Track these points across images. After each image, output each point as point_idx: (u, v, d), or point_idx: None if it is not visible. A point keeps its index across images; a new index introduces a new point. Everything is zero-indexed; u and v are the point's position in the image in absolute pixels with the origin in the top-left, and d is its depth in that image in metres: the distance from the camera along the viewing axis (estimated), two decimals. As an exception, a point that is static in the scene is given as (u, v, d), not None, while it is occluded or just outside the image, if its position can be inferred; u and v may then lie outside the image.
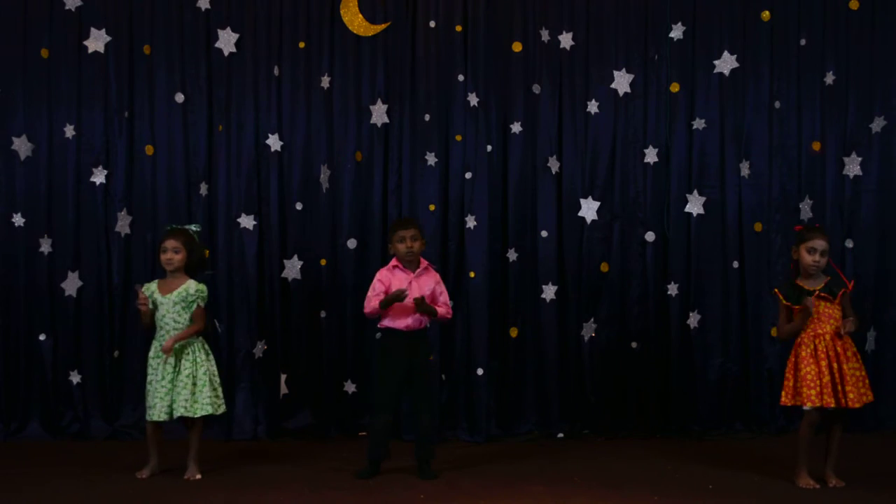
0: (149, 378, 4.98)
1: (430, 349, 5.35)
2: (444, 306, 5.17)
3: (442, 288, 5.20)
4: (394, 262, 5.14)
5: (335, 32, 6.16)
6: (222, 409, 5.07)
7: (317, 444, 5.92)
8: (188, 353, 4.95)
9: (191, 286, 4.99)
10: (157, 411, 4.89)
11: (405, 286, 5.00)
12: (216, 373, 5.05)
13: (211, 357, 5.05)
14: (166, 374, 4.90)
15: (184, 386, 4.91)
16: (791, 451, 5.01)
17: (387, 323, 5.08)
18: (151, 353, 4.98)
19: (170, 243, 5.00)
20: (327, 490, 4.79)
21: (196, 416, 4.92)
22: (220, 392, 5.04)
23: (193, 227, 5.16)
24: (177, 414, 4.90)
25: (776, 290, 5.03)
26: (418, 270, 5.11)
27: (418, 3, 6.18)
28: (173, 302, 4.96)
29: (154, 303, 5.00)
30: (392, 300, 4.96)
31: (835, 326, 4.80)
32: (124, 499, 4.65)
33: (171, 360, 4.90)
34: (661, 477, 5.06)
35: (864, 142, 6.33)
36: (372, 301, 5.06)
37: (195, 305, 4.99)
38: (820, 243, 4.84)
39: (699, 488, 4.83)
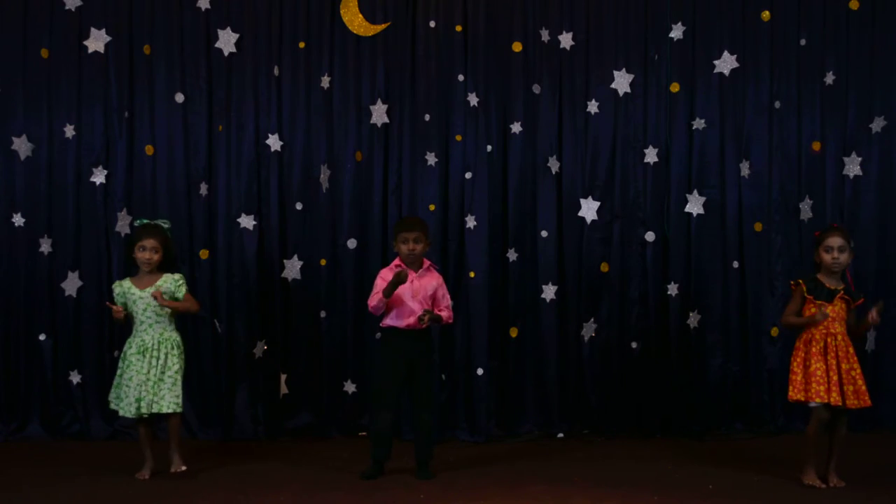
0: (126, 374, 4.99)
1: (432, 348, 5.35)
2: (446, 310, 5.16)
3: (444, 291, 5.19)
4: (397, 260, 5.14)
5: (335, 32, 6.16)
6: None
7: (317, 444, 5.92)
8: (172, 349, 5.02)
9: (167, 279, 5.09)
10: (126, 407, 4.94)
11: (406, 283, 5.00)
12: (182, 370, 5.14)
13: (183, 356, 5.12)
14: (141, 369, 4.95)
15: (172, 382, 4.98)
16: (791, 450, 5.03)
17: (388, 321, 5.08)
18: (133, 350, 5.00)
19: (149, 242, 5.06)
20: (327, 490, 4.79)
21: (176, 412, 4.99)
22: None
23: (164, 223, 5.21)
24: (165, 410, 4.94)
25: (800, 280, 4.97)
26: (420, 271, 5.11)
27: (418, 3, 6.18)
28: (152, 295, 5.01)
29: (127, 300, 5.04)
30: (395, 285, 4.92)
31: (844, 327, 4.86)
32: (124, 499, 4.65)
33: (152, 357, 4.96)
34: (661, 477, 5.06)
35: (864, 142, 6.33)
36: (372, 298, 5.04)
37: (182, 292, 5.08)
38: (835, 241, 4.88)
39: (699, 488, 4.83)
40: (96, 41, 6.02)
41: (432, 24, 6.16)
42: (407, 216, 5.84)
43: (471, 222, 6.11)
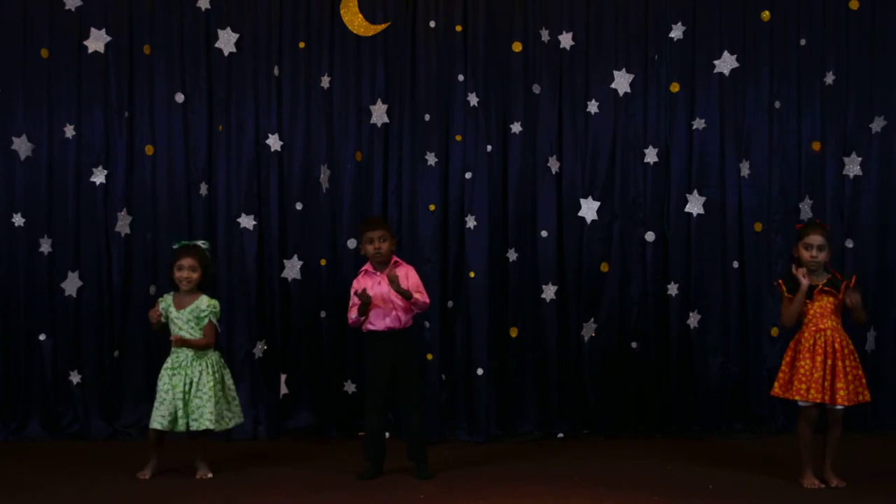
0: (162, 388, 4.99)
1: (418, 348, 5.33)
2: (420, 294, 5.08)
3: (414, 276, 5.12)
4: (367, 266, 5.14)
5: (335, 32, 6.16)
6: (227, 424, 5.09)
7: (317, 444, 5.93)
8: (207, 368, 4.99)
9: (202, 301, 5.07)
10: (158, 419, 4.93)
11: (376, 285, 5.00)
12: (231, 386, 5.14)
13: (225, 371, 5.12)
14: (176, 386, 4.94)
15: (207, 399, 4.94)
16: (791, 451, 5.02)
17: (369, 325, 5.08)
18: (168, 365, 5.01)
19: (187, 262, 5.05)
20: (327, 490, 4.79)
21: (200, 429, 4.96)
22: (231, 406, 5.10)
23: (203, 244, 5.20)
24: (202, 427, 4.94)
25: (780, 280, 5.01)
26: (388, 269, 5.07)
27: (418, 3, 6.17)
28: (186, 319, 5.03)
29: (167, 316, 5.05)
30: (365, 306, 4.96)
31: (836, 322, 4.82)
32: (124, 499, 4.66)
33: (185, 375, 4.95)
34: (661, 477, 5.07)
35: (864, 142, 6.33)
36: (350, 312, 5.07)
37: (206, 320, 5.04)
38: (815, 239, 4.84)
39: (699, 488, 4.83)
40: (96, 41, 6.02)
41: (432, 24, 6.15)
42: (369, 216, 5.82)
43: (471, 222, 6.11)
